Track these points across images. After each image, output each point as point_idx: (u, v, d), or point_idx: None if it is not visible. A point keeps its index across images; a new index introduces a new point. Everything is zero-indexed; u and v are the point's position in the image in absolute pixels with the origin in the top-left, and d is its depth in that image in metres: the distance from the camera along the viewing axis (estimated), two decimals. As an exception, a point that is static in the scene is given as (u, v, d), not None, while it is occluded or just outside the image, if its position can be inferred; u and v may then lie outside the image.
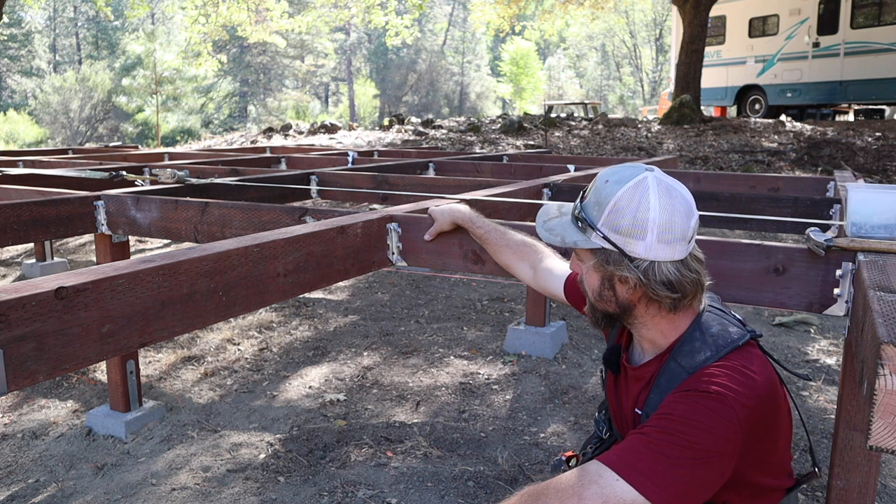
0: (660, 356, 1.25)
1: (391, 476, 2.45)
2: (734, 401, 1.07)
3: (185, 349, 3.86)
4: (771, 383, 1.16)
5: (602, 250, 1.21)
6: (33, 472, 2.70)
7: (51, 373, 1.17)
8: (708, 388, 1.09)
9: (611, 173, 1.23)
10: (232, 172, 3.84)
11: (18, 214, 2.32)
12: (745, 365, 1.13)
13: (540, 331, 3.60)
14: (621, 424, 1.37)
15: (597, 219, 1.20)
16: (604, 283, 1.24)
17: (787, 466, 1.27)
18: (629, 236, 1.17)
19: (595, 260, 1.23)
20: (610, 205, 1.18)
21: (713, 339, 1.18)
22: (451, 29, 49.58)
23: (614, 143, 10.21)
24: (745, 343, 1.18)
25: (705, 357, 1.16)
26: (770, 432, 1.15)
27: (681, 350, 1.20)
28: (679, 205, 1.18)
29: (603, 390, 1.49)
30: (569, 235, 1.25)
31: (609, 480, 1.02)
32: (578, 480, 1.04)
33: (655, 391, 1.21)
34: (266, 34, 17.02)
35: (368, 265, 2.00)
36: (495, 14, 16.90)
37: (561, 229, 1.28)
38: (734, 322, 1.24)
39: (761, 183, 3.50)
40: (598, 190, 1.22)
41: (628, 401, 1.32)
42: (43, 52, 44.59)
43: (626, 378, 1.34)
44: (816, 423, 2.86)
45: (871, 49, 11.75)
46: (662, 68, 45.91)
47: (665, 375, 1.20)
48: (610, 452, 1.08)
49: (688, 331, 1.22)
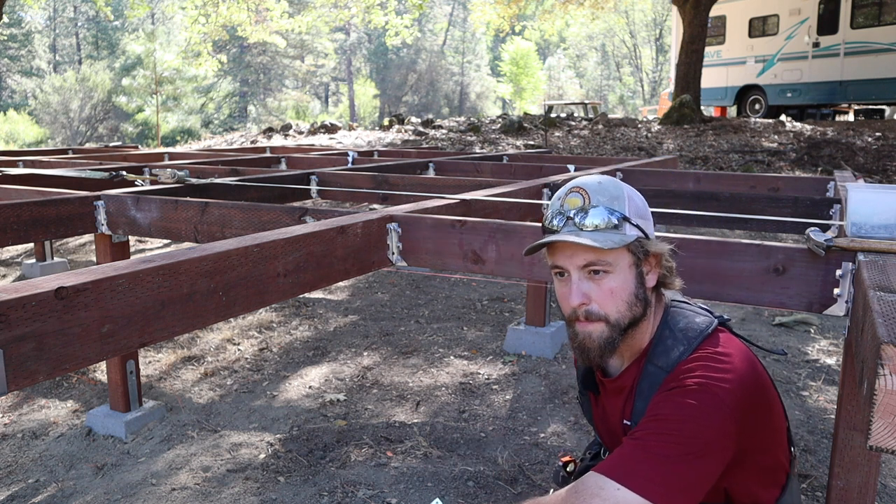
0: (636, 361, 1.26)
1: (391, 476, 2.45)
2: (717, 388, 1.09)
3: (185, 349, 3.86)
4: (749, 362, 1.17)
5: (636, 241, 1.20)
6: (33, 472, 2.70)
7: (51, 373, 1.17)
8: (689, 382, 1.11)
9: (590, 178, 1.24)
10: (232, 172, 3.84)
11: (18, 214, 2.32)
12: (718, 352, 1.16)
13: (540, 331, 3.60)
14: (612, 441, 1.36)
15: (626, 211, 1.21)
16: (638, 280, 1.22)
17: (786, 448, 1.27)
18: (645, 219, 1.24)
19: (631, 257, 1.20)
20: (625, 196, 1.22)
21: (682, 334, 1.21)
22: (451, 29, 49.58)
23: (614, 143, 10.20)
24: (713, 330, 1.21)
25: (679, 353, 1.18)
26: (763, 410, 1.17)
27: (655, 351, 1.22)
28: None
29: (587, 418, 1.48)
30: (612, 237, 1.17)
31: (611, 491, 1.02)
32: (579, 495, 1.04)
33: (639, 399, 1.22)
34: (266, 34, 17.01)
35: (368, 265, 2.00)
36: (495, 14, 16.89)
37: (602, 238, 1.16)
38: (699, 311, 1.26)
39: (761, 183, 3.50)
40: (606, 189, 1.21)
41: (615, 415, 1.31)
42: (43, 52, 44.58)
43: (607, 393, 1.34)
44: (816, 423, 2.86)
45: (871, 49, 11.75)
46: (662, 68, 45.90)
47: (646, 381, 1.21)
48: (606, 463, 1.08)
49: (658, 331, 1.24)
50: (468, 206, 2.42)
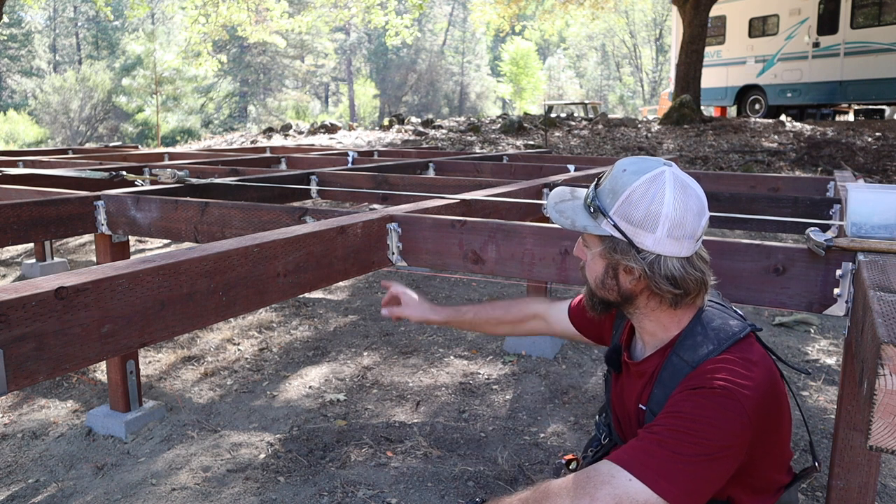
0: (661, 350, 1.25)
1: (391, 476, 2.45)
2: (740, 394, 1.08)
3: (185, 349, 3.86)
4: (772, 375, 1.17)
5: (611, 238, 1.21)
6: (33, 472, 2.70)
7: (51, 373, 1.17)
8: (713, 383, 1.10)
9: (630, 163, 1.23)
10: (232, 172, 3.84)
11: (18, 214, 2.32)
12: (746, 357, 1.14)
13: (540, 331, 3.60)
14: (625, 422, 1.37)
15: (610, 206, 1.20)
16: (608, 271, 1.25)
17: (788, 461, 1.28)
18: (640, 227, 1.18)
19: (602, 247, 1.24)
20: (625, 194, 1.19)
21: (715, 333, 1.19)
22: (451, 29, 49.57)
23: (614, 144, 10.21)
24: (745, 336, 1.19)
25: (707, 351, 1.17)
26: (774, 423, 1.16)
27: (683, 344, 1.21)
28: (693, 203, 1.18)
29: (605, 392, 1.49)
30: (579, 219, 1.25)
31: (622, 480, 1.03)
32: (591, 480, 1.04)
33: (658, 387, 1.22)
34: (266, 34, 17.02)
35: (368, 265, 2.00)
36: (495, 14, 16.90)
37: (572, 213, 1.28)
38: (735, 316, 1.25)
39: (761, 183, 3.50)
40: (615, 178, 1.22)
41: (631, 397, 1.32)
42: (43, 52, 44.58)
43: (629, 375, 1.34)
44: (816, 423, 2.86)
45: (871, 49, 11.75)
46: (662, 68, 45.90)
47: (668, 370, 1.21)
48: (621, 452, 1.08)
49: (689, 325, 1.22)
50: (468, 206, 2.42)
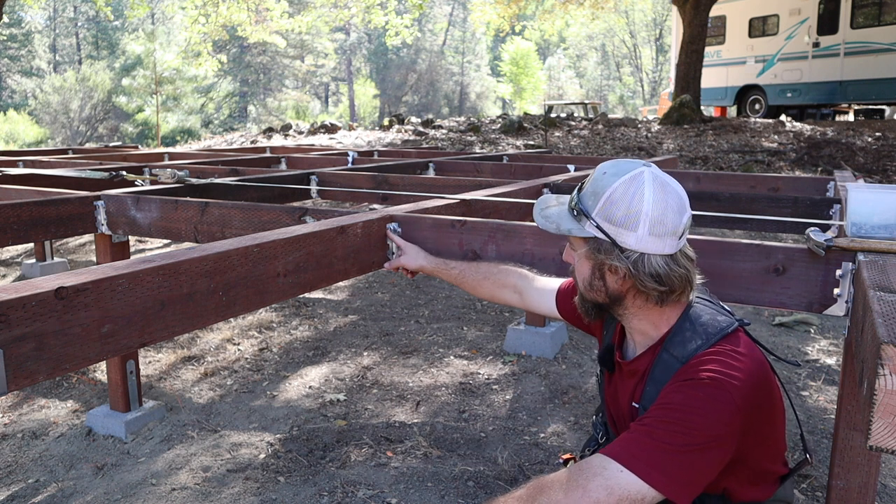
0: (652, 348, 1.27)
1: (391, 476, 2.45)
2: (729, 384, 1.10)
3: (185, 349, 3.86)
4: (762, 367, 1.19)
5: (594, 239, 1.24)
6: (33, 472, 2.70)
7: (51, 373, 1.17)
8: (702, 375, 1.12)
9: (610, 166, 1.27)
10: (232, 172, 3.84)
11: (18, 214, 2.32)
12: (735, 350, 1.17)
13: (540, 331, 3.60)
14: (619, 421, 1.39)
15: (592, 208, 1.24)
16: (594, 272, 1.28)
17: (783, 453, 1.29)
18: (622, 227, 1.21)
19: (587, 248, 1.27)
20: (605, 195, 1.22)
21: (703, 328, 1.22)
22: (451, 29, 49.57)
23: (614, 143, 10.21)
24: (733, 330, 1.22)
25: (696, 346, 1.19)
26: (766, 415, 1.18)
27: (672, 341, 1.23)
28: (672, 201, 1.21)
29: (600, 392, 1.51)
30: (564, 223, 1.30)
31: (613, 472, 1.05)
32: (583, 473, 1.06)
33: (651, 384, 1.24)
34: (266, 34, 17.02)
35: (368, 265, 2.00)
36: (495, 14, 16.90)
37: (557, 217, 1.32)
38: (722, 311, 1.28)
39: (761, 183, 3.50)
40: (596, 181, 1.26)
41: (625, 396, 1.34)
42: (43, 52, 44.58)
43: (622, 374, 1.37)
44: (816, 423, 2.86)
45: (871, 49, 11.75)
46: (662, 68, 45.90)
47: (659, 367, 1.23)
48: (612, 445, 1.10)
49: (678, 322, 1.25)
50: (468, 206, 2.42)
